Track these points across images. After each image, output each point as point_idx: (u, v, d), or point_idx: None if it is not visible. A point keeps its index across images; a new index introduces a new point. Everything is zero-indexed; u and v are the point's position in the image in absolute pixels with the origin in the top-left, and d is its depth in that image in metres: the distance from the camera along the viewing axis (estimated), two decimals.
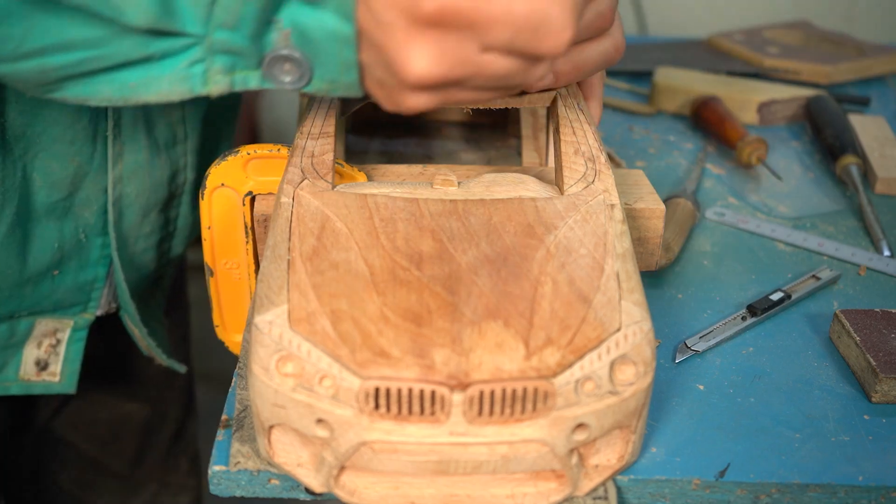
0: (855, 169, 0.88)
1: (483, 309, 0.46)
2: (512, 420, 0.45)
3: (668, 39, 1.27)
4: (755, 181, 0.90)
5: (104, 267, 0.76)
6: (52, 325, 0.75)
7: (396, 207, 0.52)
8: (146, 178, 0.74)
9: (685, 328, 0.66)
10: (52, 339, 0.76)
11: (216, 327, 0.66)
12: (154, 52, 0.49)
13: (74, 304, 0.76)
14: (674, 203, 0.78)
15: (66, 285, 0.74)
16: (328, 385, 0.45)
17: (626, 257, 0.50)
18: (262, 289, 0.48)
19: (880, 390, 0.58)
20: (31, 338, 0.75)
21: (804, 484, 0.52)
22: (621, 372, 0.47)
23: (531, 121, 0.75)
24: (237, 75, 0.50)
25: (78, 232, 0.72)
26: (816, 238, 0.78)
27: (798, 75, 1.14)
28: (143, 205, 0.75)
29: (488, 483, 0.48)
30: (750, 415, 0.57)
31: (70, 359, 0.76)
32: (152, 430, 1.00)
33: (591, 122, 0.59)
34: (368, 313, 0.46)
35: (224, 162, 0.59)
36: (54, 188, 0.69)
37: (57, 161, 0.68)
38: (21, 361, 0.75)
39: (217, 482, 0.51)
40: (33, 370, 0.75)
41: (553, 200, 0.54)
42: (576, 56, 0.56)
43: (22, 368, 0.75)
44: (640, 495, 0.52)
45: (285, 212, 0.52)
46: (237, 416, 0.53)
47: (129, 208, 0.74)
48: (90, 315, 0.77)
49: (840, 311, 0.64)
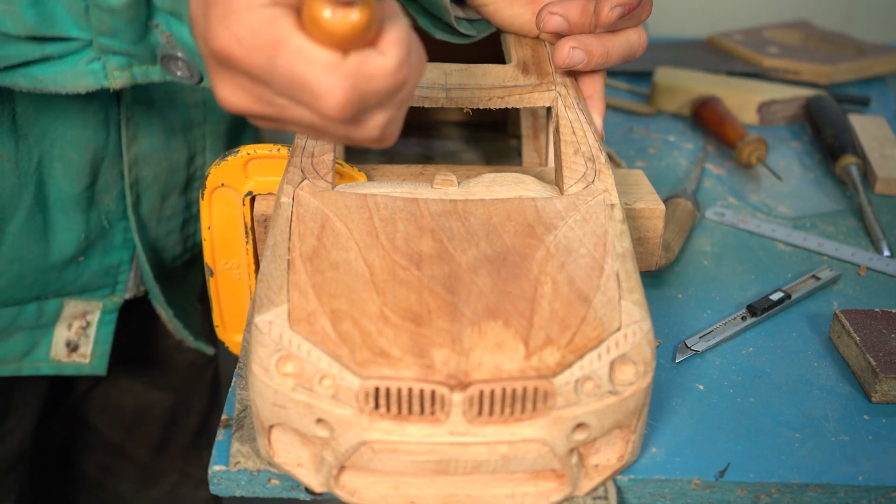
0: (855, 169, 0.88)
1: (483, 309, 0.46)
2: (512, 420, 0.45)
3: (668, 39, 1.27)
4: (755, 181, 0.90)
5: (129, 250, 0.77)
6: (81, 307, 0.77)
7: (396, 207, 0.52)
8: (162, 161, 0.75)
9: (685, 328, 0.66)
10: (81, 321, 0.77)
11: (216, 327, 0.66)
12: (51, 53, 0.53)
13: (102, 287, 0.77)
14: (674, 203, 0.78)
15: (91, 270, 0.75)
16: (328, 385, 0.45)
17: (626, 257, 0.50)
18: (262, 289, 0.48)
19: (880, 390, 0.58)
20: (60, 319, 0.76)
21: (804, 484, 0.52)
22: (621, 372, 0.47)
23: (531, 121, 0.75)
24: (136, 70, 0.54)
25: (101, 219, 0.74)
26: (816, 238, 0.78)
27: (798, 75, 1.14)
28: (162, 188, 0.76)
29: (488, 483, 0.48)
30: (750, 415, 0.57)
31: (100, 340, 0.78)
32: (176, 421, 1.01)
33: (592, 122, 0.59)
34: (368, 313, 0.46)
35: (224, 162, 0.59)
36: (76, 179, 0.70)
37: (73, 148, 0.69)
38: (52, 343, 0.76)
39: (217, 482, 0.51)
40: (64, 351, 0.77)
41: (553, 200, 0.54)
42: (607, 41, 0.58)
43: (53, 349, 0.76)
44: (640, 495, 0.52)
45: (285, 212, 0.52)
46: (237, 416, 0.53)
47: (146, 191, 0.75)
48: (119, 298, 0.78)
49: (840, 311, 0.64)
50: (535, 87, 0.60)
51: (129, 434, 0.98)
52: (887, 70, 1.18)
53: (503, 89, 0.60)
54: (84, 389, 0.94)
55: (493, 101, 0.59)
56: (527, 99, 0.60)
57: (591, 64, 0.59)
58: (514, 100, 0.60)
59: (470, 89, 0.59)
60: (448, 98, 0.59)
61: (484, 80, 0.60)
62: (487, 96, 0.59)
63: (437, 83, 0.59)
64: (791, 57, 1.16)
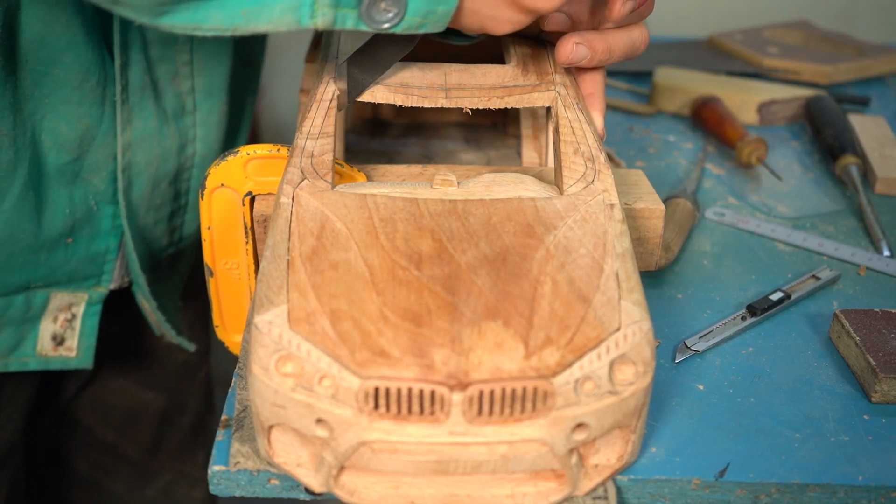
0: (855, 169, 0.88)
1: (482, 309, 0.46)
2: (511, 420, 0.45)
3: (668, 39, 1.27)
4: (755, 181, 0.90)
5: (116, 238, 0.77)
6: (66, 299, 0.76)
7: (396, 207, 0.52)
8: (155, 147, 0.75)
9: (685, 328, 0.66)
10: (67, 313, 0.76)
11: (216, 327, 0.66)
12: None
13: (88, 277, 0.77)
14: (674, 203, 0.78)
15: (79, 255, 0.75)
16: (328, 385, 0.45)
17: (626, 257, 0.50)
18: (262, 289, 0.48)
19: (880, 390, 0.58)
20: (46, 312, 0.76)
21: (804, 484, 0.52)
22: (621, 372, 0.47)
23: (531, 121, 0.75)
24: (339, 12, 0.51)
25: (88, 198, 0.73)
26: (816, 238, 0.78)
27: (798, 75, 1.14)
28: (153, 174, 0.76)
29: (488, 483, 0.48)
30: (750, 415, 0.57)
31: (86, 333, 0.77)
32: (169, 420, 1.00)
33: (591, 122, 0.59)
34: (368, 313, 0.46)
35: (224, 162, 0.59)
36: (63, 149, 0.70)
37: (65, 122, 0.69)
38: (38, 336, 0.76)
39: (217, 482, 0.51)
40: (50, 345, 0.76)
41: (553, 200, 0.54)
42: (610, 38, 0.58)
43: (39, 343, 0.76)
44: (639, 495, 0.52)
45: (285, 212, 0.52)
46: (237, 416, 0.53)
47: (138, 177, 0.75)
48: (104, 288, 0.78)
49: (840, 311, 0.64)
50: (534, 87, 0.60)
51: (121, 433, 0.98)
52: (887, 70, 1.18)
53: (503, 89, 0.60)
54: (74, 390, 0.94)
55: (493, 101, 0.59)
56: (526, 99, 0.60)
57: (594, 60, 0.59)
58: (514, 100, 0.60)
59: (470, 89, 0.59)
60: (448, 98, 0.59)
61: (484, 80, 0.60)
62: (487, 96, 0.59)
63: (437, 83, 0.59)
64: (791, 57, 1.16)
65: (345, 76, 0.59)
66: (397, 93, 0.59)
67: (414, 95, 0.59)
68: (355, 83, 0.59)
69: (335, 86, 0.59)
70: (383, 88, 0.59)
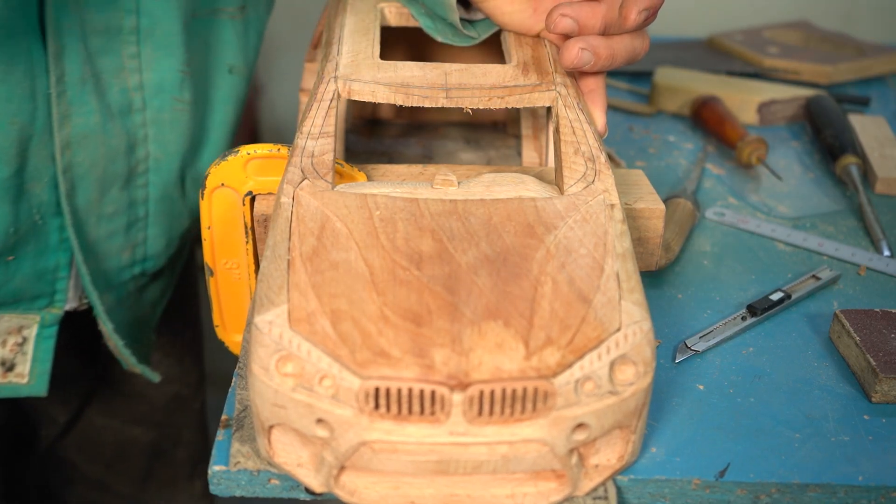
0: (855, 169, 0.88)
1: (483, 309, 0.46)
2: (512, 420, 0.45)
3: (668, 39, 1.27)
4: (755, 181, 0.90)
5: (66, 253, 0.72)
6: (16, 322, 0.71)
7: (396, 207, 0.52)
8: (100, 146, 0.69)
9: (685, 328, 0.66)
10: (17, 336, 0.71)
11: (216, 327, 0.66)
12: None
13: (38, 297, 0.72)
14: (674, 203, 0.78)
15: (23, 273, 0.70)
16: (328, 385, 0.45)
17: (626, 257, 0.50)
18: (262, 289, 0.48)
19: (880, 390, 0.58)
20: None
21: (804, 484, 0.52)
22: (621, 372, 0.47)
23: (531, 121, 0.75)
24: None
25: (32, 212, 0.68)
26: (816, 238, 0.78)
27: (798, 75, 1.14)
28: (99, 177, 0.70)
29: (488, 483, 0.48)
30: (750, 415, 0.57)
31: (39, 358, 0.72)
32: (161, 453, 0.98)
33: (592, 122, 0.59)
34: (368, 313, 0.46)
35: (224, 162, 0.59)
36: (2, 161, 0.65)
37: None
38: None
39: (217, 482, 0.51)
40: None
41: (553, 200, 0.54)
42: (614, 44, 0.59)
43: None
44: (640, 495, 0.52)
45: (285, 212, 0.52)
46: (237, 416, 0.53)
47: (82, 180, 0.69)
48: (58, 309, 0.73)
49: (840, 311, 0.64)
50: (535, 87, 0.60)
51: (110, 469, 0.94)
52: (887, 70, 1.18)
53: (503, 89, 0.60)
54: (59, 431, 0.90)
55: (493, 101, 0.59)
56: (527, 99, 0.60)
57: (597, 66, 0.59)
58: (514, 100, 0.60)
59: (470, 89, 0.59)
60: (448, 98, 0.59)
61: (484, 80, 0.60)
62: (487, 96, 0.59)
63: (437, 83, 0.59)
64: (791, 57, 1.16)
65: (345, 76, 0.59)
66: (397, 93, 0.59)
67: (414, 95, 0.59)
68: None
69: (335, 86, 0.59)
70: (383, 88, 0.59)
